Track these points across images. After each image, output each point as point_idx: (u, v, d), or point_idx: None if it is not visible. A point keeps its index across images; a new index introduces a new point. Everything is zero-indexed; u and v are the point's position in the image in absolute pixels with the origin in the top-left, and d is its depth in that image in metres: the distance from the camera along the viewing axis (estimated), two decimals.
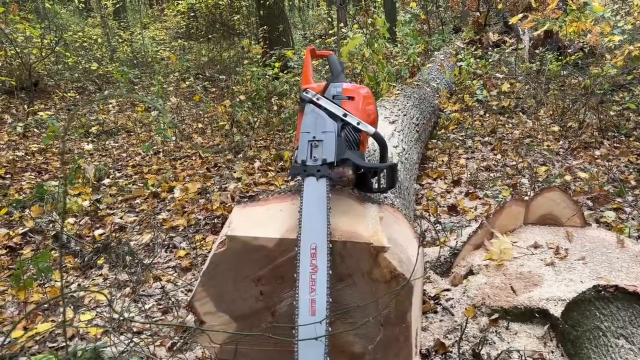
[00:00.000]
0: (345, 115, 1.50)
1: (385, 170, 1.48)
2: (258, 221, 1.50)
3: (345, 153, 1.46)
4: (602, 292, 1.65)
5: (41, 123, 6.28)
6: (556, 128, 4.70)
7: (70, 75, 9.66)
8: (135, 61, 11.26)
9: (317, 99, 1.53)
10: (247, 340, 1.56)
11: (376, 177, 1.54)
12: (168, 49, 12.62)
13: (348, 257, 1.42)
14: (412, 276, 1.42)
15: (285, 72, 6.02)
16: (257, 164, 4.15)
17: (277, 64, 5.55)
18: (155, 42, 13.59)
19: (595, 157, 3.96)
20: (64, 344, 2.11)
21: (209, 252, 2.78)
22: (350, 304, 1.46)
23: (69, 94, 7.95)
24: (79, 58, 10.16)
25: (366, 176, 1.52)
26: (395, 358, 1.52)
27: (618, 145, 4.22)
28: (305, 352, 1.32)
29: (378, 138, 1.50)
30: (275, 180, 3.83)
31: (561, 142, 4.38)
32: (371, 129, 1.48)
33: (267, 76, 6.05)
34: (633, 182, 3.45)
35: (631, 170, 3.68)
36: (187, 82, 7.64)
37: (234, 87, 6.65)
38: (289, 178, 1.58)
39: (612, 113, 4.65)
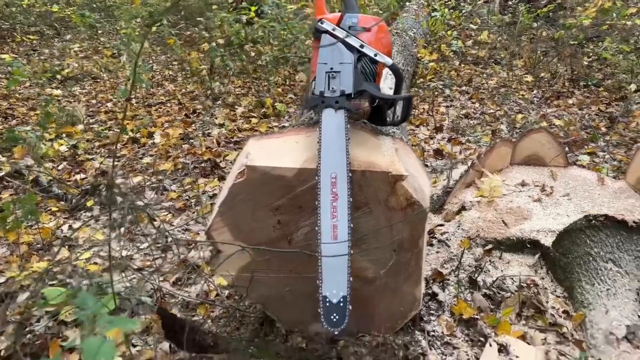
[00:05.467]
0: (362, 46, 1.50)
1: (401, 102, 1.51)
2: (275, 152, 1.52)
3: (362, 85, 1.48)
4: (593, 221, 1.77)
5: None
6: (530, 78, 4.82)
7: (26, 19, 9.09)
8: (94, 5, 10.66)
9: (333, 29, 1.52)
10: (263, 267, 1.61)
11: (391, 110, 1.57)
12: None
13: (366, 186, 1.46)
14: (426, 203, 1.49)
15: (260, 17, 5.86)
16: (240, 109, 4.10)
17: (253, 8, 5.39)
18: None
19: (568, 105, 4.11)
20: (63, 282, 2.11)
21: (203, 193, 2.79)
22: (366, 231, 1.52)
23: (29, 37, 7.53)
24: (34, 0, 9.53)
25: (381, 109, 1.54)
26: (405, 281, 1.60)
27: (588, 95, 4.38)
28: (330, 274, 1.38)
29: (395, 69, 1.52)
30: (259, 126, 3.81)
31: (535, 92, 4.51)
32: (389, 60, 1.50)
33: (239, 22, 5.86)
34: (604, 129, 3.62)
35: (601, 118, 3.85)
36: (155, 27, 7.33)
37: (205, 33, 6.43)
38: (306, 110, 1.58)
39: (586, 61, 4.79)
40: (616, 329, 1.55)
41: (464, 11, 6.91)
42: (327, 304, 1.37)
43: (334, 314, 1.36)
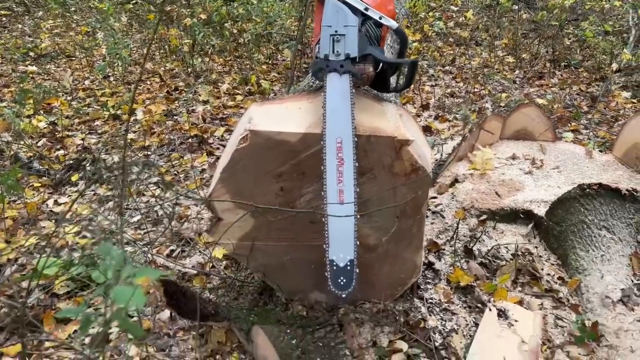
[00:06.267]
0: (366, 9, 1.48)
1: (406, 67, 1.50)
2: (279, 118, 1.49)
3: (367, 48, 1.46)
4: (587, 190, 1.80)
5: None
6: (511, 59, 4.87)
7: None
8: None
9: None
10: (264, 235, 1.59)
11: (394, 75, 1.55)
12: None
13: (371, 151, 1.45)
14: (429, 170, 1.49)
15: None
16: (224, 86, 4.03)
17: None
18: None
19: (550, 85, 4.17)
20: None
21: (192, 168, 2.74)
22: (370, 197, 1.51)
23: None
24: None
25: (385, 74, 1.53)
26: (407, 248, 1.61)
27: (568, 76, 4.45)
28: (336, 238, 1.37)
29: (400, 33, 1.50)
30: (244, 103, 3.76)
31: (517, 72, 4.56)
32: (394, 24, 1.48)
33: None
34: (585, 108, 3.69)
35: (582, 97, 3.92)
36: (131, 5, 7.13)
37: (184, 10, 6.29)
38: (310, 74, 1.56)
39: (567, 42, 4.86)
40: (611, 293, 1.59)
41: None
42: (334, 268, 1.37)
43: (341, 278, 1.36)
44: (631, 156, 2.31)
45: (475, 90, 4.08)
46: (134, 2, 7.14)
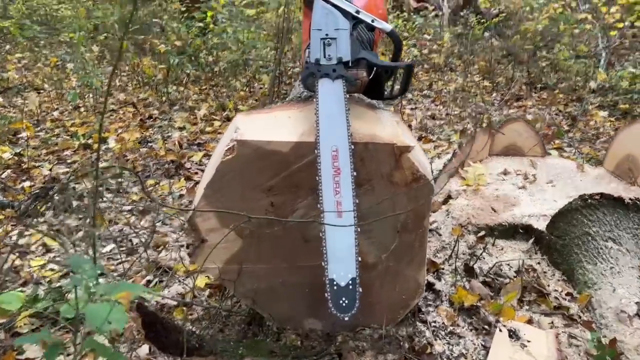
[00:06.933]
0: (357, 12, 1.40)
1: (401, 71, 1.41)
2: (267, 127, 1.38)
3: (360, 52, 1.37)
4: (589, 200, 1.72)
5: None
6: (487, 83, 4.91)
7: None
8: (34, 18, 10.13)
9: None
10: (253, 257, 1.45)
11: (390, 81, 1.47)
12: (69, 8, 11.48)
13: (369, 160, 1.35)
14: (431, 178, 1.39)
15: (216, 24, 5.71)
16: (202, 112, 3.91)
17: (210, 13, 5.21)
18: None
19: (528, 106, 4.19)
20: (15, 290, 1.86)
21: (169, 194, 2.59)
22: (368, 211, 1.39)
23: None
24: None
25: (379, 79, 1.44)
26: (408, 265, 1.49)
27: (545, 98, 4.50)
28: (336, 255, 1.25)
29: (394, 36, 1.42)
30: (222, 129, 3.64)
31: (494, 95, 4.59)
32: (387, 27, 1.40)
33: (194, 28, 5.69)
34: (566, 127, 3.70)
35: (562, 117, 3.94)
36: (103, 37, 7.00)
37: (156, 41, 6.20)
38: (300, 80, 1.45)
39: (543, 64, 4.93)
40: (626, 307, 1.49)
41: (416, 23, 7.06)
42: (335, 288, 1.23)
43: (343, 298, 1.23)
44: (623, 168, 2.27)
45: (455, 112, 4.06)
46: (105, 34, 7.03)
